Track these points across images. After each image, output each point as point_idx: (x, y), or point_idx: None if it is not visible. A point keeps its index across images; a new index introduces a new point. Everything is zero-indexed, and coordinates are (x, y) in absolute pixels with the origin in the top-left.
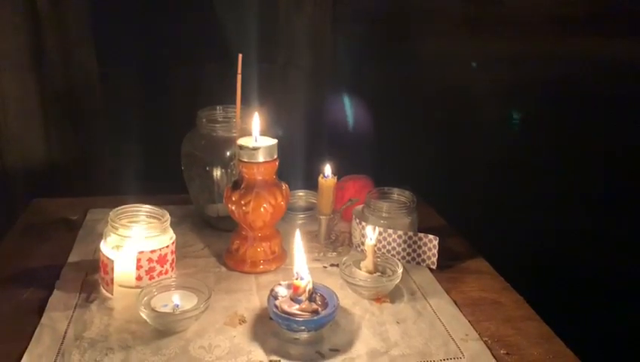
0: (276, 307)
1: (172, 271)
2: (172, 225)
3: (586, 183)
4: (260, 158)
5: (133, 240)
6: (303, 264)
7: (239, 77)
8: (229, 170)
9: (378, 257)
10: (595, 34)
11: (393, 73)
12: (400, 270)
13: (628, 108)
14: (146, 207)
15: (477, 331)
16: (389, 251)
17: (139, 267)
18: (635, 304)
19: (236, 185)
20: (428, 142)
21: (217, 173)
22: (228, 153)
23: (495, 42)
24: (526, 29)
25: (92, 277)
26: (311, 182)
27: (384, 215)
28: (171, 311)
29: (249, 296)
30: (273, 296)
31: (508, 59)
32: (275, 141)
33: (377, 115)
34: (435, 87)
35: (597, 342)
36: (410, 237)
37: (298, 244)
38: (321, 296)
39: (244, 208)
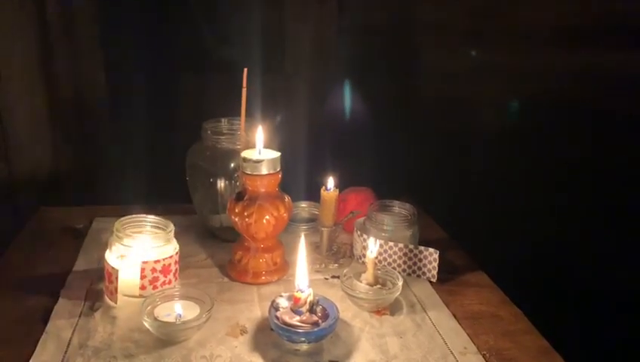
0: (277, 318)
1: (175, 281)
2: (176, 234)
3: (588, 196)
4: (263, 171)
5: (138, 250)
6: (304, 276)
7: (244, 91)
8: (232, 182)
9: (379, 269)
10: (596, 47)
11: (396, 85)
12: (400, 283)
13: (628, 121)
14: (151, 218)
15: (476, 344)
16: (389, 264)
17: (143, 276)
18: (635, 319)
19: (239, 197)
20: (429, 154)
21: (221, 184)
22: (232, 165)
23: (496, 54)
24: (527, 42)
25: (97, 285)
26: (313, 194)
27: (385, 228)
28: (174, 320)
29: (251, 307)
30: (274, 307)
31: (508, 71)
32: (278, 154)
33: (380, 126)
34: (436, 99)
35: (596, 357)
36: (410, 250)
37: (302, 252)
38: (322, 307)
39: (247, 219)
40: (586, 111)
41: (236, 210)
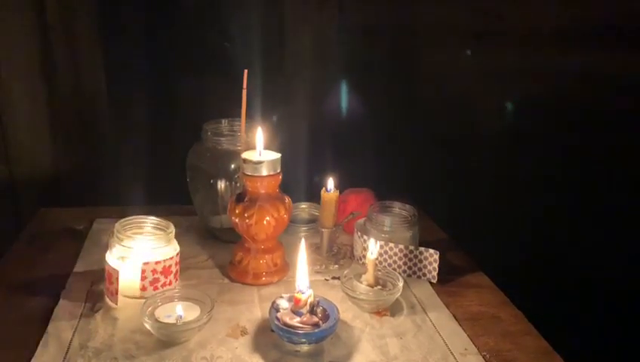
0: (277, 319)
1: (176, 282)
2: (176, 235)
3: (589, 197)
4: (264, 172)
5: (138, 251)
6: (304, 277)
7: (244, 92)
8: (233, 183)
9: (379, 270)
10: (596, 47)
11: (396, 85)
12: (400, 284)
13: (628, 123)
14: (151, 219)
15: (476, 345)
16: (390, 265)
17: (143, 278)
18: (635, 320)
19: (240, 198)
20: (429, 155)
21: (222, 185)
22: (232, 166)
23: (496, 56)
24: (527, 42)
25: (97, 287)
26: (313, 195)
27: (386, 229)
28: (174, 321)
29: (251, 308)
30: (275, 308)
31: (509, 73)
32: (278, 155)
33: (380, 127)
34: (436, 99)
35: (596, 358)
36: (411, 251)
37: (302, 254)
38: (322, 308)
39: (247, 221)
40: (586, 111)
41: (236, 211)
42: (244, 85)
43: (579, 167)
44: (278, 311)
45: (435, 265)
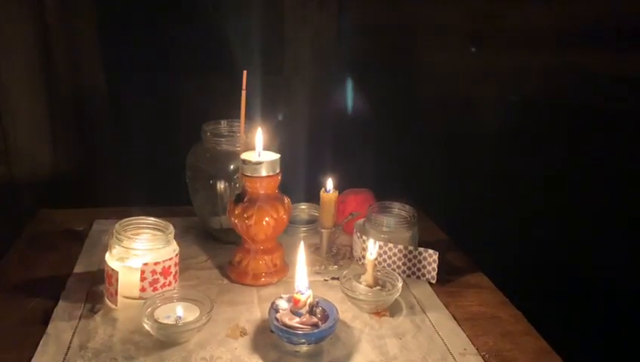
0: (277, 320)
1: (175, 282)
2: (176, 236)
3: (588, 197)
4: (263, 173)
5: (138, 252)
6: (304, 277)
7: (244, 93)
8: (232, 184)
9: (378, 271)
10: (596, 48)
11: (396, 85)
12: (400, 284)
13: (628, 123)
14: (151, 220)
15: (475, 346)
16: (389, 265)
17: (143, 279)
18: (635, 320)
19: (239, 199)
20: (429, 155)
21: (221, 186)
22: (232, 167)
23: (496, 56)
24: (526, 43)
25: (97, 287)
26: (313, 196)
27: (385, 229)
28: (174, 322)
29: (250, 309)
30: (274, 308)
31: (508, 72)
32: (277, 156)
33: (380, 127)
34: (436, 100)
35: (595, 358)
36: (410, 252)
37: (301, 255)
38: (322, 309)
39: (246, 221)
40: (586, 111)
41: (236, 212)
42: (244, 86)
43: (579, 167)
44: (277, 311)
45: (435, 265)
